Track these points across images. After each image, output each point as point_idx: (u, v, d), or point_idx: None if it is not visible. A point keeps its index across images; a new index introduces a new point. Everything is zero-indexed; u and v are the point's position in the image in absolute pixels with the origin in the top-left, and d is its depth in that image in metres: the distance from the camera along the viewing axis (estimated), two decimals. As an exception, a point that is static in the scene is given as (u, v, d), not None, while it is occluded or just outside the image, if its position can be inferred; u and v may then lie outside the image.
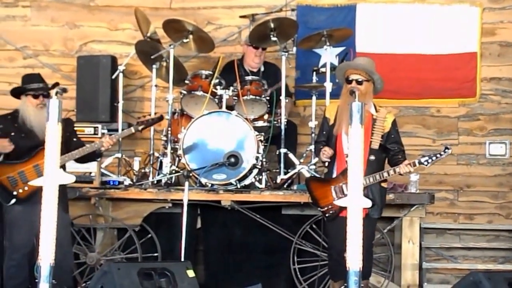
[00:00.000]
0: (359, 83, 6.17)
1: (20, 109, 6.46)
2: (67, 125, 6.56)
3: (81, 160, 6.69)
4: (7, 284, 6.32)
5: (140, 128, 6.89)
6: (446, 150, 6.19)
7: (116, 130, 7.50)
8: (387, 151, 6.28)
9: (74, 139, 6.63)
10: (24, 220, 6.17)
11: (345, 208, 5.86)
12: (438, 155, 6.17)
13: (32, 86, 6.44)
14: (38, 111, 6.35)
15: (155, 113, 7.29)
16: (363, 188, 5.96)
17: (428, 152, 7.95)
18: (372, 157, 6.13)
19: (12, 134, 6.43)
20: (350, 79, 6.20)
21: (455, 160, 8.35)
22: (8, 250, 6.40)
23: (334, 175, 6.26)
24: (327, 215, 6.21)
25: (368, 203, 6.02)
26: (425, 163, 6.15)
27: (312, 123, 7.48)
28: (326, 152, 6.20)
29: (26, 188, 6.29)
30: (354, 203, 4.23)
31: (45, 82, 6.55)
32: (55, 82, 6.42)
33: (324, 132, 6.36)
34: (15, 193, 6.33)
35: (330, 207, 6.18)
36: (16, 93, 6.58)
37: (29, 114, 6.41)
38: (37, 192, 6.17)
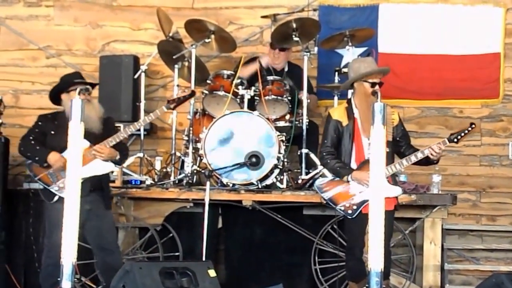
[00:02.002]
0: (380, 85, 6.16)
1: (65, 107, 6.36)
2: (108, 123, 6.58)
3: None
4: (44, 282, 6.33)
5: (172, 106, 6.81)
6: (472, 126, 6.24)
7: (138, 130, 7.52)
8: (397, 144, 6.27)
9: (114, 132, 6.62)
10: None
11: (367, 202, 5.88)
12: (466, 131, 6.22)
13: (77, 81, 6.42)
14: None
15: (184, 90, 7.14)
16: (391, 175, 6.03)
17: (451, 152, 7.99)
18: (388, 149, 6.13)
19: (52, 132, 6.44)
20: (372, 81, 6.17)
21: (478, 161, 8.31)
22: (46, 248, 6.38)
23: None
24: (349, 211, 6.15)
25: (398, 190, 6.08)
26: (454, 140, 6.21)
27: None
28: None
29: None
30: (377, 200, 4.21)
31: (84, 79, 6.57)
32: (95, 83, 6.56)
33: (334, 135, 6.27)
34: (56, 188, 6.31)
35: (352, 203, 6.15)
36: (59, 91, 6.53)
37: None
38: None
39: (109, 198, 6.60)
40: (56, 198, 6.30)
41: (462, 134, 6.21)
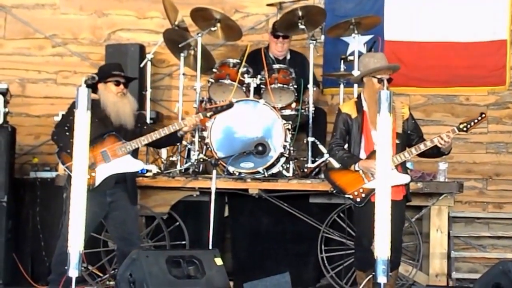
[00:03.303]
0: (388, 81, 6.14)
1: (101, 96, 6.38)
2: (139, 118, 6.60)
3: (160, 144, 6.75)
4: (55, 268, 6.29)
5: (208, 114, 6.77)
6: (482, 115, 6.20)
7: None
8: (409, 138, 6.27)
9: (145, 127, 6.60)
10: (87, 207, 6.17)
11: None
12: (476, 120, 6.18)
13: (115, 73, 6.43)
14: (118, 98, 6.40)
15: (223, 100, 7.06)
16: (401, 164, 6.03)
17: (457, 140, 7.97)
18: (398, 141, 6.14)
19: None
20: (380, 77, 6.15)
21: (484, 149, 8.30)
22: (62, 236, 6.19)
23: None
24: (358, 199, 6.16)
25: (406, 178, 6.09)
26: (464, 128, 6.19)
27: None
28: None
29: (93, 174, 6.24)
30: (383, 189, 4.22)
31: (123, 71, 6.57)
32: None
33: (343, 128, 6.27)
34: None
35: (360, 191, 6.15)
36: (96, 81, 6.49)
37: (109, 101, 6.38)
38: (105, 180, 6.26)
39: (134, 193, 6.56)
40: None
41: (472, 123, 6.18)
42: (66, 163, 6.30)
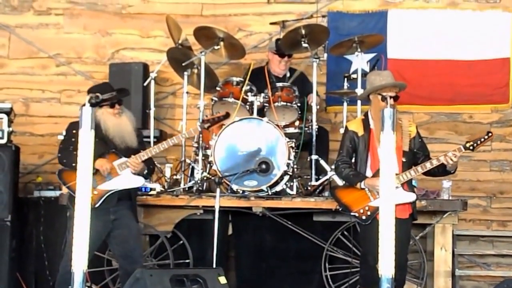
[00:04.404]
0: (394, 99, 6.13)
1: (100, 120, 6.35)
2: (138, 136, 6.62)
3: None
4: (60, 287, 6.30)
5: (206, 126, 6.85)
6: (489, 134, 6.19)
7: (148, 137, 7.53)
8: (415, 156, 6.27)
9: (143, 144, 6.68)
10: (91, 226, 6.17)
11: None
12: (482, 139, 6.17)
13: (105, 96, 6.33)
14: (118, 120, 6.43)
15: (218, 112, 7.18)
16: (407, 182, 6.02)
17: (461, 158, 7.93)
18: (404, 159, 6.14)
19: None
20: (385, 94, 6.14)
21: (488, 167, 8.30)
22: (66, 255, 6.17)
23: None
24: (363, 217, 6.16)
25: (412, 196, 6.08)
26: (470, 147, 6.18)
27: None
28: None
29: (95, 192, 6.25)
30: (387, 207, 4.21)
31: (114, 89, 6.55)
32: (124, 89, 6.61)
33: (350, 146, 6.29)
34: None
35: (366, 209, 6.15)
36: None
37: (109, 124, 6.38)
38: (105, 198, 6.27)
39: (136, 210, 6.61)
40: None
41: (479, 142, 6.16)
42: (67, 182, 6.32)
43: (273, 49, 7.94)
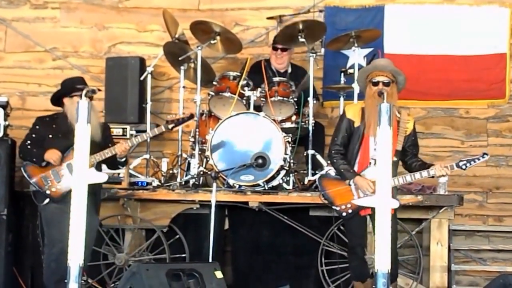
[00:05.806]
0: (385, 84, 6.14)
1: (67, 111, 6.46)
2: (104, 130, 6.62)
3: (112, 164, 6.76)
4: (48, 280, 6.40)
5: (170, 126, 6.89)
6: (485, 155, 6.18)
7: (145, 131, 7.53)
8: (404, 153, 6.26)
9: (109, 139, 6.72)
10: (60, 217, 6.19)
11: (364, 207, 5.92)
12: (476, 160, 6.17)
13: (79, 87, 6.41)
14: None
15: (183, 113, 7.29)
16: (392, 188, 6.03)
17: (457, 153, 7.98)
18: (395, 159, 6.11)
19: (50, 136, 6.52)
20: (376, 80, 6.16)
21: (484, 162, 8.25)
22: (46, 248, 6.50)
23: None
24: (344, 214, 6.18)
25: (395, 204, 6.07)
26: (463, 166, 6.16)
27: (341, 113, 7.44)
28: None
29: (59, 187, 6.38)
30: (383, 204, 4.21)
31: (87, 84, 6.57)
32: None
33: (345, 134, 6.28)
34: (48, 192, 6.42)
35: (348, 206, 6.16)
36: (61, 95, 6.60)
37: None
38: (70, 191, 6.27)
39: (99, 204, 6.68)
40: (46, 200, 6.42)
41: (472, 163, 6.15)
42: (32, 177, 6.49)
43: (271, 43, 7.95)
